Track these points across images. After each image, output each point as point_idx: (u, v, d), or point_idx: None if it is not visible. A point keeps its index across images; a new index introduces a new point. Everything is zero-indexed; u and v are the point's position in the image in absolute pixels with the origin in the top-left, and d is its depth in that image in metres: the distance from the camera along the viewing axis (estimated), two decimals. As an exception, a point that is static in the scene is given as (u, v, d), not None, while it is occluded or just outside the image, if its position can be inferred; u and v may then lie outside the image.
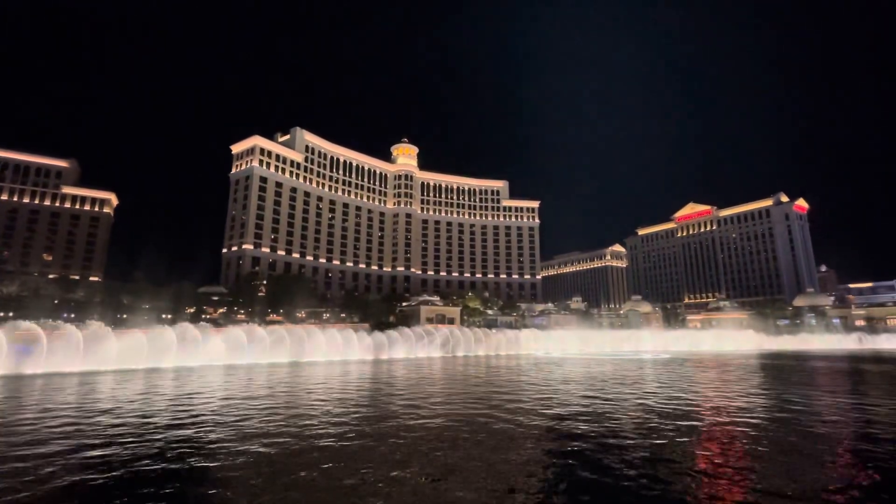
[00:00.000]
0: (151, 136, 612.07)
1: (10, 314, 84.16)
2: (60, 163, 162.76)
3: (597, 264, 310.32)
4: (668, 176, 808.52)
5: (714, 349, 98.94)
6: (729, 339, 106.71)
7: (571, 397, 22.89)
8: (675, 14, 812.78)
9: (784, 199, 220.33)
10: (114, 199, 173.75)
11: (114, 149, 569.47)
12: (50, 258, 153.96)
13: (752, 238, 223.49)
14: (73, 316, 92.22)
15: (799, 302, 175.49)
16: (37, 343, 38.98)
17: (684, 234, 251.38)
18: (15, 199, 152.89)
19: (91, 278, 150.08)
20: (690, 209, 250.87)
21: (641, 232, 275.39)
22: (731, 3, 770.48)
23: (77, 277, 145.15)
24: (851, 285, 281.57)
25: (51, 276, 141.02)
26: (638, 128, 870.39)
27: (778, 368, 44.07)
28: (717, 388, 27.44)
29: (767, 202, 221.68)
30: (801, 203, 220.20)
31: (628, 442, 13.01)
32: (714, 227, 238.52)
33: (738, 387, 27.46)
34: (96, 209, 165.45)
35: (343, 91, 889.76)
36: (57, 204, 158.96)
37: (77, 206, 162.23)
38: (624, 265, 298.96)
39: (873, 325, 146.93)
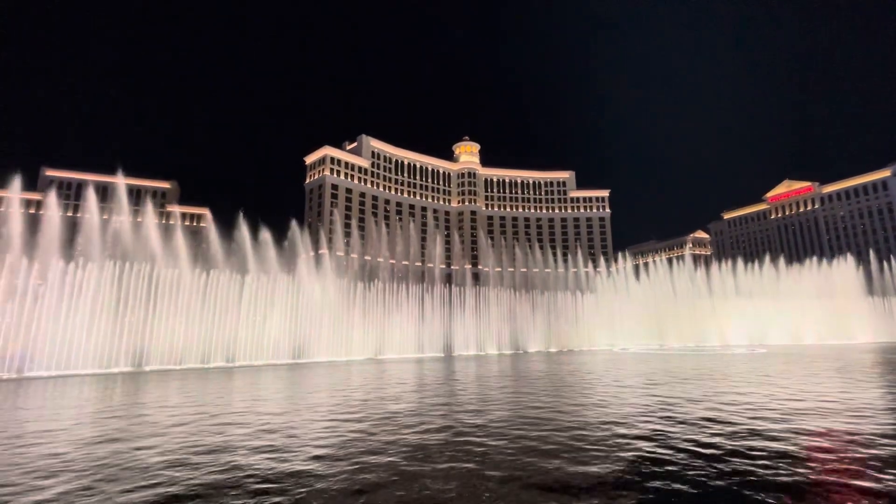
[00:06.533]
0: (237, 156, 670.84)
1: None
2: (164, 184, 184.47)
3: (676, 253, 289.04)
4: (753, 155, 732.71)
5: (820, 341, 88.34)
6: (839, 328, 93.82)
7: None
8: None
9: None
10: (208, 213, 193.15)
11: (206, 169, 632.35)
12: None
13: (866, 215, 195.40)
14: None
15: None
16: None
17: (779, 215, 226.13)
18: (131, 219, 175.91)
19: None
20: (786, 187, 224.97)
21: (727, 216, 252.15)
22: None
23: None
24: None
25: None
26: (718, 106, 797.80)
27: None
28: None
29: (884, 173, 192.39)
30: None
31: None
32: (816, 206, 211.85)
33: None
34: (194, 224, 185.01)
35: (405, 94, 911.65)
36: (163, 221, 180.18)
37: (179, 222, 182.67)
38: (708, 253, 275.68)
39: None
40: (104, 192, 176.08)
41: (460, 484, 7.74)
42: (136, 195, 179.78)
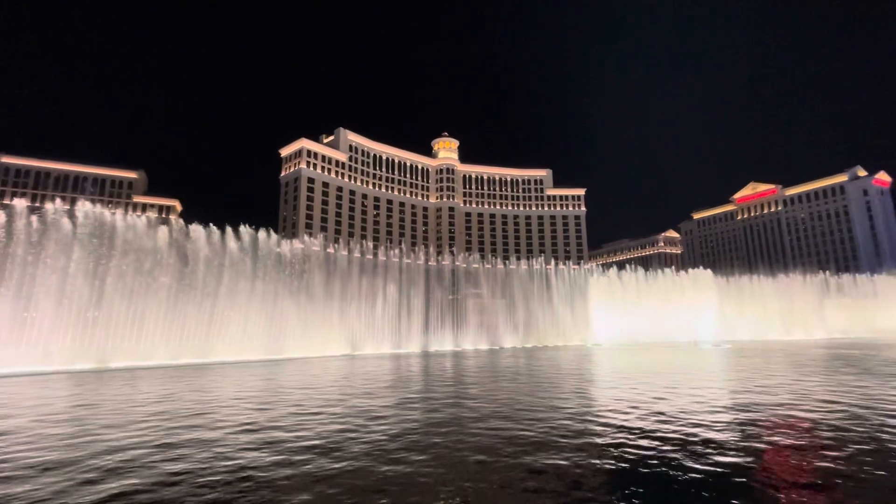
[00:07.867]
0: (208, 147, 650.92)
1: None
2: (131, 174, 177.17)
3: (649, 252, 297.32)
4: (723, 158, 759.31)
5: (781, 337, 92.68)
6: (798, 326, 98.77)
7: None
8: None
9: (861, 173, 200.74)
10: (178, 205, 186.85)
11: (176, 159, 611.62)
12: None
13: (825, 217, 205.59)
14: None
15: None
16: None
17: (745, 216, 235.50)
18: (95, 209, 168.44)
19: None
20: (751, 189, 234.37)
21: (697, 216, 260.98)
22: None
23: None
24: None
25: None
26: (690, 108, 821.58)
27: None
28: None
29: (841, 178, 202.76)
30: (883, 177, 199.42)
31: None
32: (780, 208, 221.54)
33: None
34: (163, 215, 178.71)
35: (384, 89, 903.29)
36: (129, 212, 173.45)
37: (147, 214, 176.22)
38: (679, 251, 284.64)
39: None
40: (65, 181, 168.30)
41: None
42: (100, 185, 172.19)
